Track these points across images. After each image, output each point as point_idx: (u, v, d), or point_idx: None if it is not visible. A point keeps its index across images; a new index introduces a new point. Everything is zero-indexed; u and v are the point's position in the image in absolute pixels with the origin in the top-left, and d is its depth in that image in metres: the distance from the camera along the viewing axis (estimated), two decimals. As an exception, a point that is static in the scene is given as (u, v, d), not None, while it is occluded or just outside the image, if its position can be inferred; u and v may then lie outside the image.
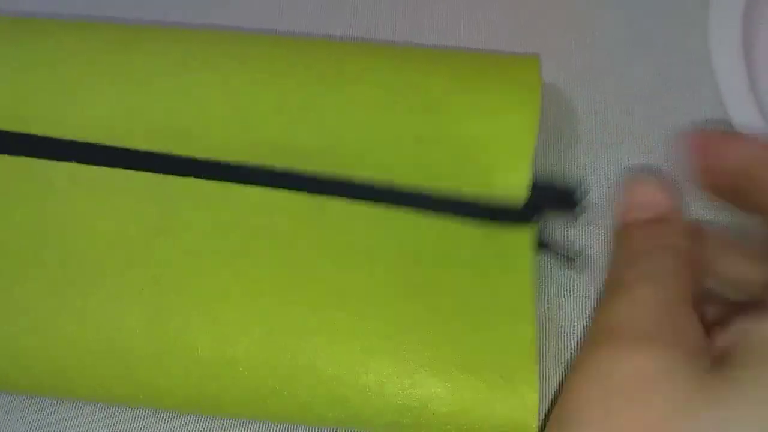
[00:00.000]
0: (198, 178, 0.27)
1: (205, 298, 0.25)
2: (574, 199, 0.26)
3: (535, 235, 0.26)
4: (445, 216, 0.26)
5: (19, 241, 0.26)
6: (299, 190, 0.26)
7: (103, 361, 0.25)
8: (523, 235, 0.26)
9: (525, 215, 0.26)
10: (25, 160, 0.27)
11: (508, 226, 0.26)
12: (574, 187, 0.26)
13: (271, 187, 0.26)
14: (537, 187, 0.26)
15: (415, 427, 0.25)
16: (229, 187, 0.27)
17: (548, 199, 0.26)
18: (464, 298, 0.25)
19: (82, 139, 0.27)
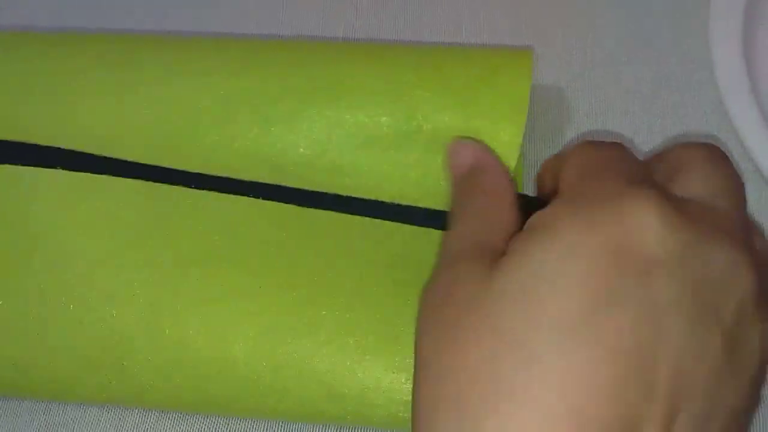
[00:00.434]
0: (188, 187, 0.27)
1: (199, 300, 0.26)
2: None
3: None
4: (429, 226, 0.27)
5: (8, 249, 0.27)
6: (287, 203, 0.27)
7: (99, 364, 0.26)
8: None
9: None
10: (13, 168, 0.28)
11: None
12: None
13: (259, 198, 0.27)
14: (523, 199, 0.26)
15: None
16: (220, 195, 0.27)
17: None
18: None
19: (76, 148, 0.27)
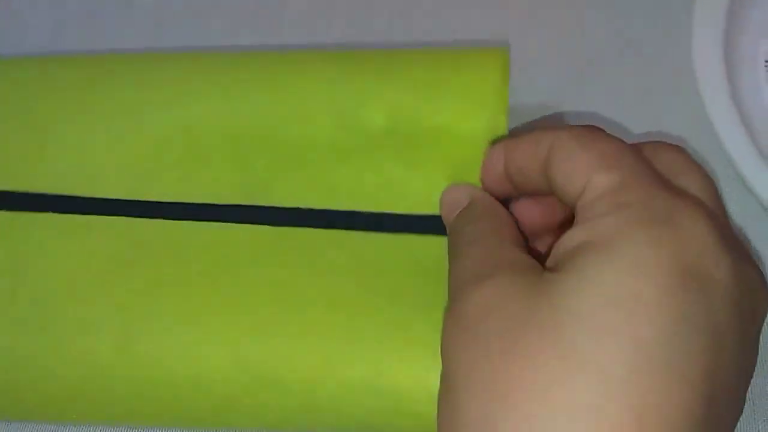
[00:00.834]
0: (163, 219, 0.28)
1: (173, 322, 0.26)
2: None
3: None
4: (410, 233, 0.27)
5: None
6: (260, 224, 0.27)
7: (83, 388, 0.26)
8: None
9: None
10: (4, 213, 0.28)
11: None
12: None
13: (233, 223, 0.28)
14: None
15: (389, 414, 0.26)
16: (191, 224, 0.28)
17: None
18: (428, 304, 0.25)
19: (59, 183, 0.28)
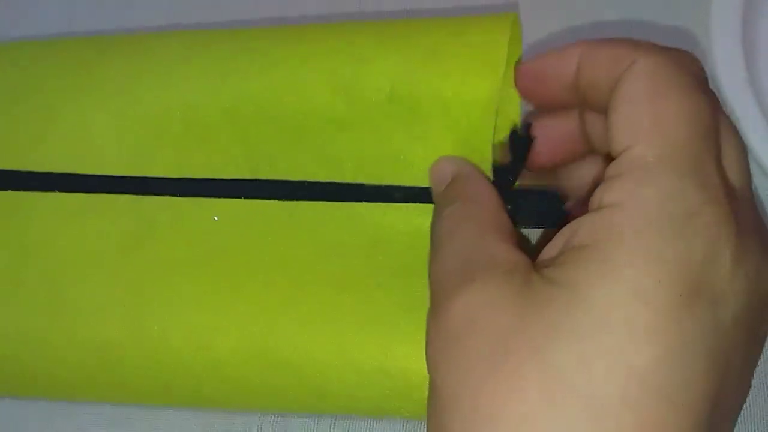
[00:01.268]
0: (169, 195, 0.27)
1: (183, 304, 0.26)
2: (555, 205, 0.26)
3: None
4: (412, 203, 0.26)
5: (4, 265, 0.27)
6: (267, 198, 0.27)
7: (94, 370, 0.26)
8: None
9: None
10: (11, 194, 0.28)
11: None
12: (555, 193, 0.26)
13: (239, 198, 0.27)
14: (516, 194, 0.25)
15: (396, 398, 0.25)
16: (198, 200, 0.27)
17: (527, 206, 0.25)
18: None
19: (62, 163, 0.28)
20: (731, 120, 0.21)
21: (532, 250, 0.21)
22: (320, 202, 0.27)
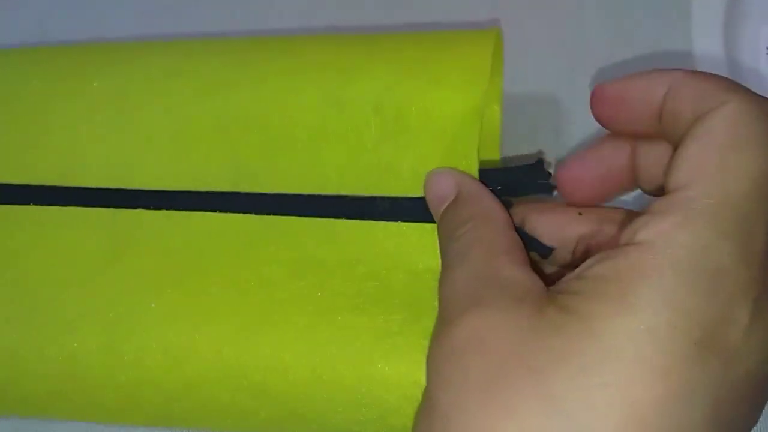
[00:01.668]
0: (146, 209, 0.27)
1: (156, 321, 0.25)
2: (543, 170, 0.26)
3: None
4: (394, 220, 0.26)
5: None
6: (243, 212, 0.26)
7: (64, 385, 0.26)
8: None
9: None
10: None
11: None
12: (539, 160, 0.26)
13: (216, 212, 0.27)
14: (501, 173, 0.25)
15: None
16: (175, 214, 0.27)
17: (515, 183, 0.25)
18: (418, 308, 0.24)
19: (48, 174, 0.28)
20: None
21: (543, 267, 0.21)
22: (299, 218, 0.26)
